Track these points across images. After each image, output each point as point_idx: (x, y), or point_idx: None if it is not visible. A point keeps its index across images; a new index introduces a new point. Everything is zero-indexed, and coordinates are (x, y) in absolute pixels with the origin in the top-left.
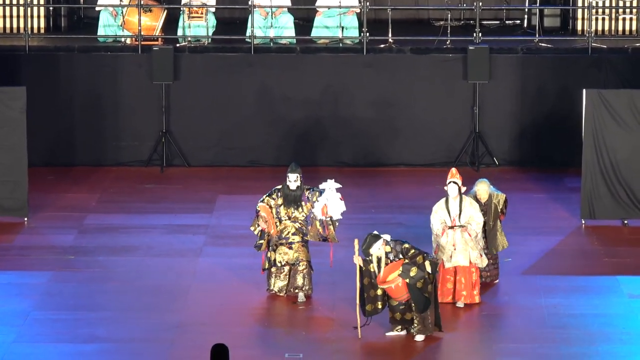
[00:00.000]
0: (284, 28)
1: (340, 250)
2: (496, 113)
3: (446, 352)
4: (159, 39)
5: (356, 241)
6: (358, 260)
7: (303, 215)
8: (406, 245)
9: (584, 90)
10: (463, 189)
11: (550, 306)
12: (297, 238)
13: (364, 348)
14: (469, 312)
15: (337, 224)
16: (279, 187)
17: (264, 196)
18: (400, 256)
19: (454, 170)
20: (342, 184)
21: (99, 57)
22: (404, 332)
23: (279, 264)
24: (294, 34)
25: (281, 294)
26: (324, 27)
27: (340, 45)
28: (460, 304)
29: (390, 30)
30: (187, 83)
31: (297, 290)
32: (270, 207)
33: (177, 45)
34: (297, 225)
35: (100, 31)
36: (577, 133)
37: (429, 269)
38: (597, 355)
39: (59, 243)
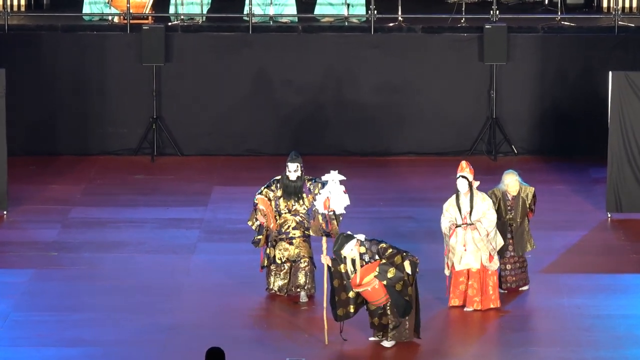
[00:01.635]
0: (285, 5)
1: None
2: (514, 97)
3: (461, 356)
4: (149, 17)
5: (324, 239)
6: (326, 260)
7: (304, 208)
8: (383, 245)
9: (610, 73)
10: (476, 184)
11: (574, 307)
12: (298, 233)
13: (371, 351)
14: (486, 314)
15: (340, 218)
16: (278, 177)
17: (262, 188)
18: (377, 257)
19: (464, 163)
20: (347, 174)
21: (85, 37)
22: (384, 339)
23: (278, 261)
24: (295, 12)
25: (281, 294)
26: (328, 4)
27: (346, 24)
28: (468, 309)
29: (399, 7)
30: (180, 65)
31: (298, 290)
32: (269, 200)
33: (169, 24)
34: (297, 218)
35: (86, 9)
36: (602, 119)
37: (408, 269)
38: (624, 359)
39: (42, 238)
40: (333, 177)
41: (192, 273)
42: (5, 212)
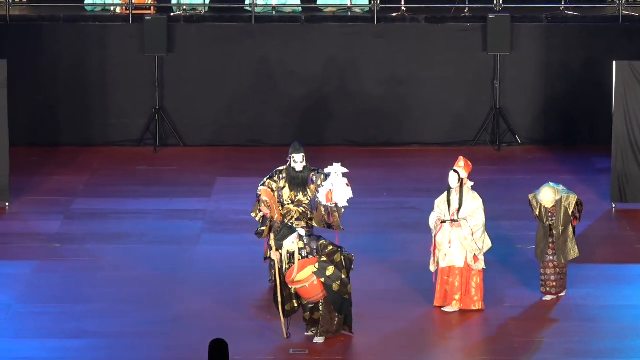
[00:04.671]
0: None
1: (348, 238)
2: (518, 87)
3: (463, 346)
4: (152, 7)
5: (272, 236)
6: (277, 256)
7: (307, 199)
8: (323, 242)
9: (614, 62)
10: (469, 183)
11: (579, 297)
12: (301, 223)
13: (377, 343)
14: (488, 304)
15: (342, 210)
16: (281, 168)
17: (265, 179)
18: (315, 254)
19: (461, 158)
20: (350, 165)
21: (86, 28)
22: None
23: None
24: (298, 2)
25: None
26: None
27: (349, 14)
28: (448, 309)
29: None
30: (182, 55)
31: None
32: (272, 191)
33: (171, 14)
34: (301, 209)
35: None
36: (606, 109)
37: (344, 264)
38: (630, 350)
39: (44, 230)
40: (336, 170)
41: (195, 264)
42: (7, 204)
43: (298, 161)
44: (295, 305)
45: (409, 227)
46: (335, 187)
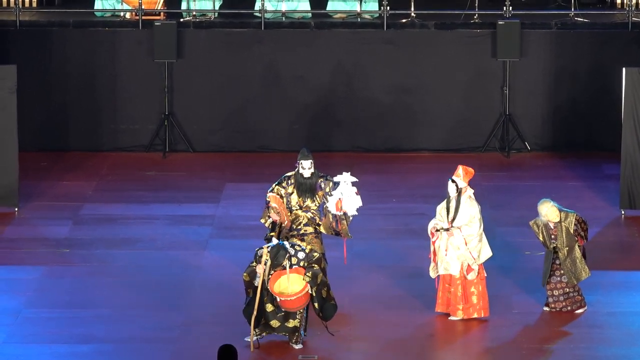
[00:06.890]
0: (298, 1)
1: (357, 244)
2: (528, 94)
3: (470, 352)
4: (161, 13)
5: (265, 250)
6: (261, 270)
7: (316, 205)
8: (308, 249)
9: (624, 69)
10: (468, 192)
11: (587, 304)
12: (309, 229)
13: (386, 347)
14: (496, 310)
15: (350, 219)
16: (289, 174)
17: (274, 185)
18: (301, 264)
19: (460, 168)
20: (359, 171)
21: (96, 33)
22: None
23: None
24: (308, 8)
25: None
26: (340, 0)
27: (359, 20)
28: (453, 318)
29: (412, 3)
30: (192, 61)
31: None
32: (281, 197)
33: (181, 20)
34: (309, 215)
35: (97, 5)
36: (615, 115)
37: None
38: (638, 357)
39: (53, 235)
40: (345, 179)
41: (204, 269)
42: (16, 209)
43: (306, 167)
44: (255, 314)
45: (417, 233)
46: (344, 195)
